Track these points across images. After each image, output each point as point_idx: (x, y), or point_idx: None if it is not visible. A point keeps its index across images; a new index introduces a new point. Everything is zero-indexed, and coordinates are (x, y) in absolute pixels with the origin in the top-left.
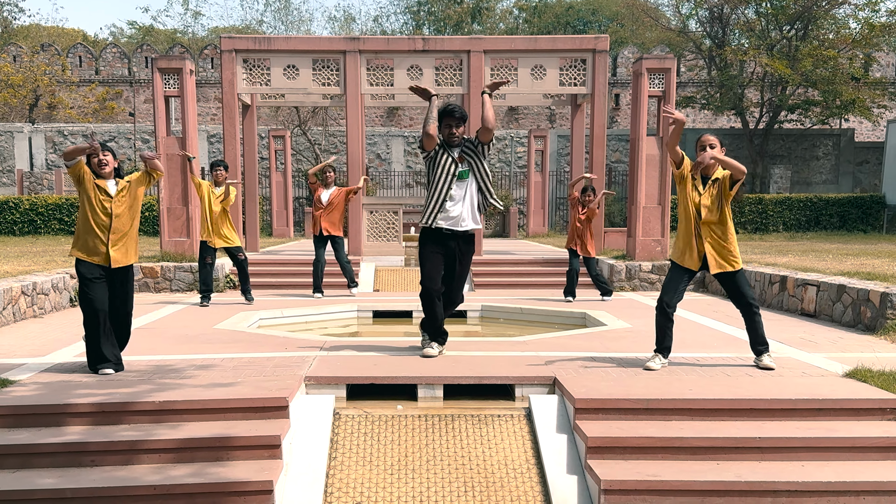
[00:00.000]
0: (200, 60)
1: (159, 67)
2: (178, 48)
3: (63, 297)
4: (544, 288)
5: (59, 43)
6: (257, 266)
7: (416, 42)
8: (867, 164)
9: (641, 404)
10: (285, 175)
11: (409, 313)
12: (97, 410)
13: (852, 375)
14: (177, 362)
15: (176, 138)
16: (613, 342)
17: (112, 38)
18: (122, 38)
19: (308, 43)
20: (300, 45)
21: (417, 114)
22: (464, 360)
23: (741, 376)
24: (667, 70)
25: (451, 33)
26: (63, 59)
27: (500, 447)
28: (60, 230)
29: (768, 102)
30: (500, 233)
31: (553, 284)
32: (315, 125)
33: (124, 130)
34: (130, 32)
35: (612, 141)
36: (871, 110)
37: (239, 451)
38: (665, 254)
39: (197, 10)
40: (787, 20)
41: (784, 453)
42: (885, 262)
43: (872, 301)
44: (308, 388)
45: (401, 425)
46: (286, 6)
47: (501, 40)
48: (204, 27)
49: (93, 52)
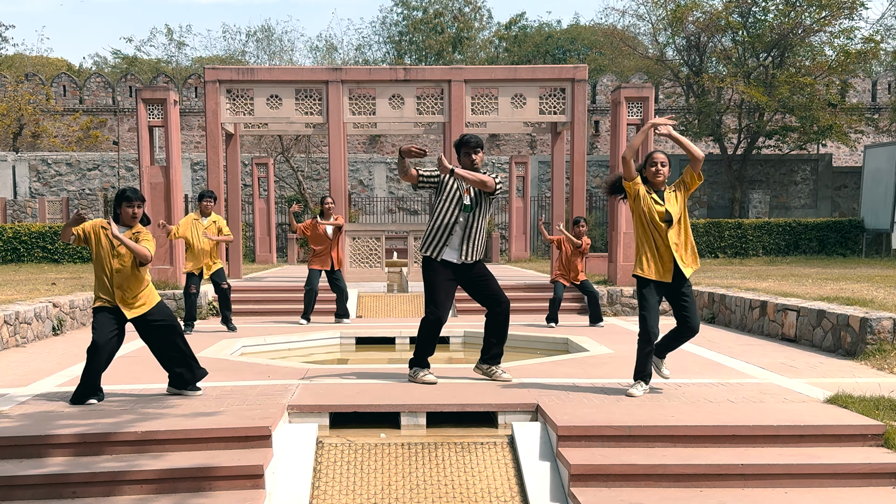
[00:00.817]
0: (184, 90)
1: (143, 98)
2: (162, 78)
3: (46, 327)
4: (527, 313)
5: (44, 72)
6: (241, 293)
7: (398, 72)
8: (845, 188)
9: (624, 431)
10: (268, 202)
11: (391, 340)
12: (79, 441)
13: (833, 401)
14: (160, 391)
15: (160, 167)
16: (596, 368)
17: (96, 68)
18: (106, 67)
19: (291, 73)
20: (283, 75)
21: (399, 141)
22: (447, 388)
23: (723, 402)
24: (645, 98)
25: (433, 63)
26: (47, 88)
27: (484, 475)
28: (44, 258)
29: (746, 128)
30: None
31: (536, 310)
32: (298, 152)
33: (108, 159)
34: (114, 62)
35: (593, 167)
36: (849, 135)
37: (221, 482)
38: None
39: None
40: (763, 48)
41: (767, 480)
42: (864, 287)
43: (852, 326)
44: (291, 417)
45: (384, 454)
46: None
47: (482, 70)
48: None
49: (77, 81)
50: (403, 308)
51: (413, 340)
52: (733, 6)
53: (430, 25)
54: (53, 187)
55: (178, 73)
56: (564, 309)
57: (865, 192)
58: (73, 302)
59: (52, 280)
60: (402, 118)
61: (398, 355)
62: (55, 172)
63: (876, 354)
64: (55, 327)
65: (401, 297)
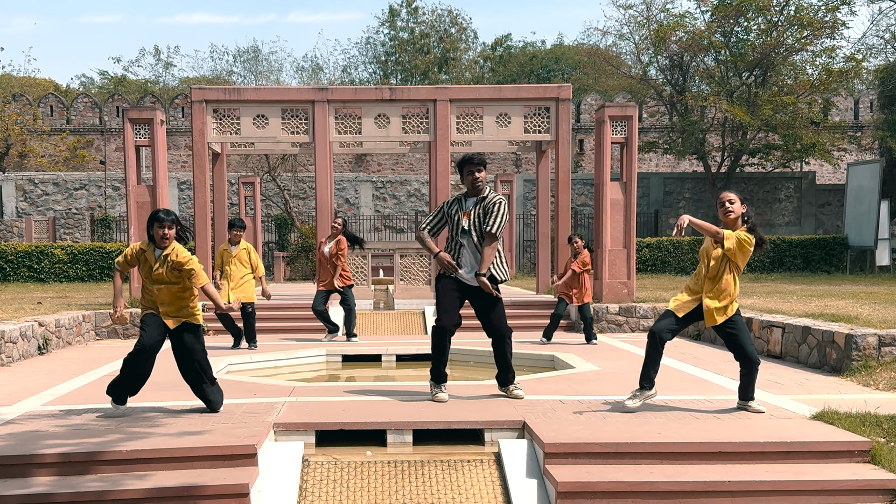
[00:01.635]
0: (171, 109)
1: (130, 118)
2: (149, 98)
3: (31, 346)
4: (515, 330)
5: (31, 93)
6: None
7: (384, 91)
8: (829, 205)
9: (611, 448)
10: (255, 221)
11: (378, 357)
12: (64, 461)
13: (820, 418)
14: (146, 409)
15: (147, 186)
16: (582, 385)
17: (83, 88)
18: (93, 87)
19: (277, 93)
20: (269, 95)
21: (385, 159)
22: (433, 405)
23: (709, 419)
24: (628, 117)
25: (419, 82)
26: (34, 108)
27: (471, 493)
28: (30, 277)
29: (729, 147)
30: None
31: (524, 327)
32: (284, 171)
33: (95, 178)
34: (101, 82)
35: (578, 185)
36: (832, 153)
37: (207, 501)
38: (632, 296)
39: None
40: (746, 67)
41: (754, 497)
42: (849, 304)
43: (837, 343)
44: (277, 435)
45: (370, 472)
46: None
47: (467, 89)
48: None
49: (64, 101)
50: (390, 325)
51: (399, 358)
52: (715, 26)
53: (417, 46)
54: (40, 207)
55: (165, 93)
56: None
57: (849, 210)
58: (58, 321)
59: (37, 299)
60: (387, 137)
61: (384, 373)
62: (42, 192)
63: (861, 371)
64: (41, 346)
65: (387, 315)
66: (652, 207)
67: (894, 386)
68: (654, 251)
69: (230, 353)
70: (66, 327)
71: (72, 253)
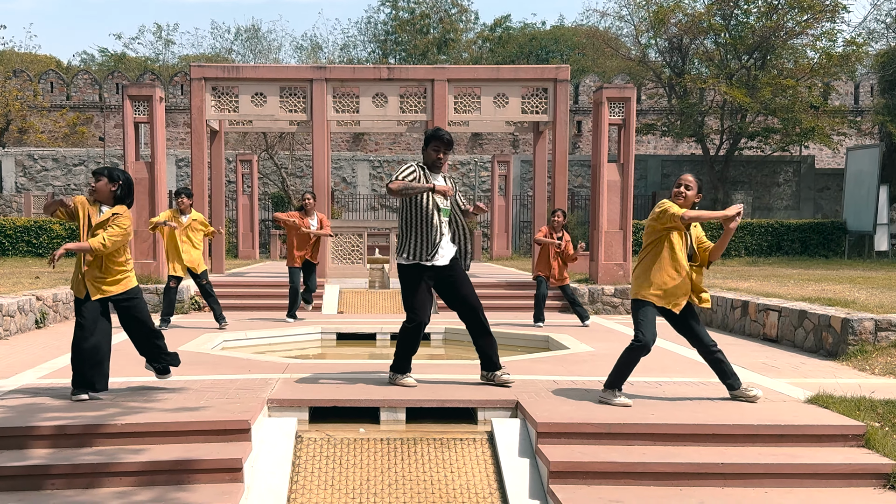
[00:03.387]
0: (171, 87)
1: (130, 95)
2: (148, 75)
3: (29, 320)
4: (508, 311)
5: (32, 69)
6: (223, 288)
7: (382, 71)
8: (828, 190)
9: (604, 429)
10: (252, 198)
11: (372, 335)
12: (60, 433)
13: (814, 402)
14: (141, 384)
15: (145, 163)
16: (576, 366)
17: (83, 65)
18: (94, 65)
19: (275, 71)
20: (268, 73)
21: (383, 139)
22: (427, 384)
23: (703, 401)
24: (627, 99)
25: (418, 63)
26: (35, 84)
27: (463, 471)
28: (28, 252)
29: (728, 130)
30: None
31: (517, 307)
32: (282, 150)
33: (94, 155)
34: (101, 59)
35: (575, 166)
36: (831, 138)
37: (201, 475)
38: (628, 278)
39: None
40: (745, 50)
41: (747, 480)
42: (846, 288)
43: (834, 327)
44: (271, 411)
45: (363, 449)
46: (255, 35)
47: (464, 69)
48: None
49: (64, 78)
50: (384, 304)
51: (394, 337)
52: (715, 8)
53: (417, 27)
54: (39, 182)
55: (164, 70)
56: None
57: (848, 194)
58: (56, 295)
59: (35, 274)
60: (385, 116)
61: (379, 351)
62: (41, 168)
63: (857, 355)
64: (38, 320)
65: (382, 294)
66: (649, 190)
67: (890, 371)
68: None
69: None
70: (63, 302)
71: (70, 228)
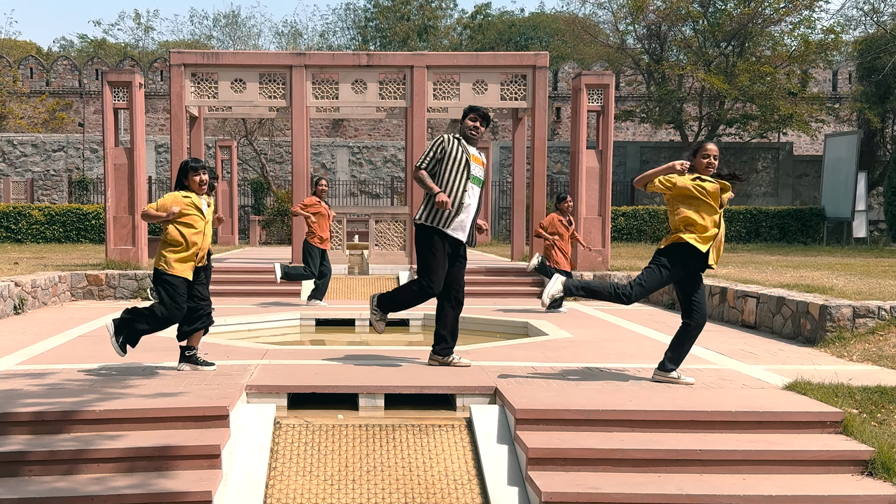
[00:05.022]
0: (150, 73)
1: (109, 81)
2: (128, 61)
3: (7, 306)
4: (487, 297)
5: (11, 55)
6: None
7: (361, 57)
8: (806, 176)
9: (582, 415)
10: (231, 184)
11: (351, 321)
12: (38, 420)
13: (792, 388)
14: (120, 370)
15: (124, 149)
16: (555, 352)
17: (63, 51)
18: (73, 51)
19: (255, 58)
20: (247, 59)
21: (362, 125)
22: (405, 369)
23: (682, 388)
24: (605, 86)
25: (398, 49)
26: (14, 70)
27: (441, 458)
28: (6, 238)
29: (706, 116)
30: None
31: (496, 294)
32: (261, 136)
33: (73, 140)
34: (81, 46)
35: (554, 152)
36: (810, 125)
37: (179, 461)
38: (606, 264)
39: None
40: (723, 37)
41: (725, 466)
42: (824, 275)
43: (812, 313)
44: (249, 397)
45: (341, 435)
46: (234, 22)
47: (444, 56)
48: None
49: (44, 64)
50: (364, 290)
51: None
52: None
53: (397, 14)
54: (18, 168)
55: (144, 56)
56: (521, 293)
57: (826, 181)
58: (34, 281)
59: (14, 260)
60: (364, 103)
61: (358, 337)
62: (20, 153)
63: (835, 342)
64: (16, 306)
65: (361, 280)
66: (628, 176)
67: (868, 357)
68: (630, 220)
69: None
70: (42, 288)
71: (49, 214)
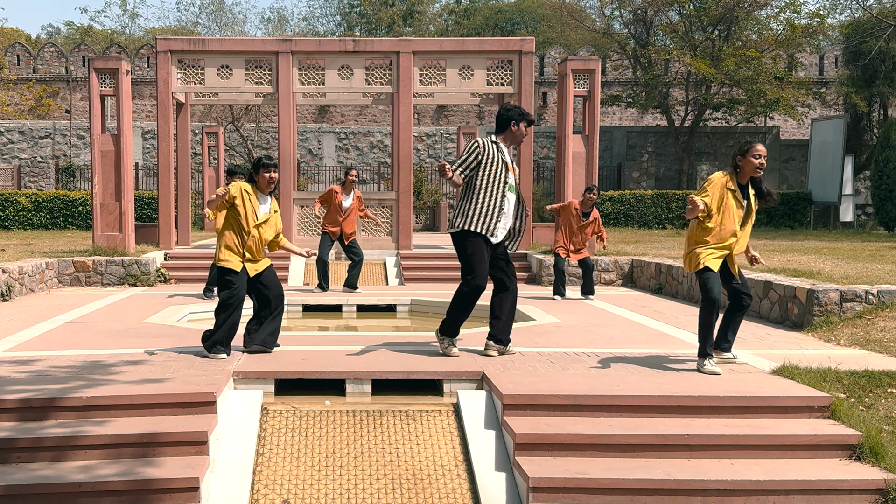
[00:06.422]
0: (137, 60)
1: (96, 67)
2: (115, 48)
3: None
4: None
5: None
6: (189, 260)
7: (347, 43)
8: (793, 161)
9: (569, 400)
10: (217, 170)
11: (338, 307)
12: (25, 406)
13: (780, 373)
14: (107, 357)
15: (111, 136)
16: (541, 337)
17: (49, 38)
18: (59, 38)
19: (241, 44)
20: (233, 46)
21: (349, 111)
22: (392, 355)
23: (669, 373)
24: (591, 71)
25: (383, 35)
26: (1, 57)
27: (429, 443)
28: None
29: (693, 101)
30: (430, 227)
31: None
32: (248, 122)
33: (60, 127)
34: (68, 33)
35: (540, 137)
36: (796, 109)
37: (166, 448)
38: (592, 248)
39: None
40: (709, 21)
41: (713, 451)
42: (811, 259)
43: (799, 298)
44: (236, 384)
45: (329, 421)
46: (220, 8)
47: (430, 42)
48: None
49: (31, 51)
50: None
51: (360, 308)
52: None
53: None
54: (5, 155)
55: (131, 43)
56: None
57: (813, 165)
58: (21, 268)
59: (1, 246)
60: (350, 89)
61: (344, 322)
62: (7, 140)
63: (823, 326)
64: (3, 293)
65: (347, 265)
66: (615, 161)
67: (855, 342)
68: (617, 205)
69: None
70: (29, 274)
71: (36, 201)
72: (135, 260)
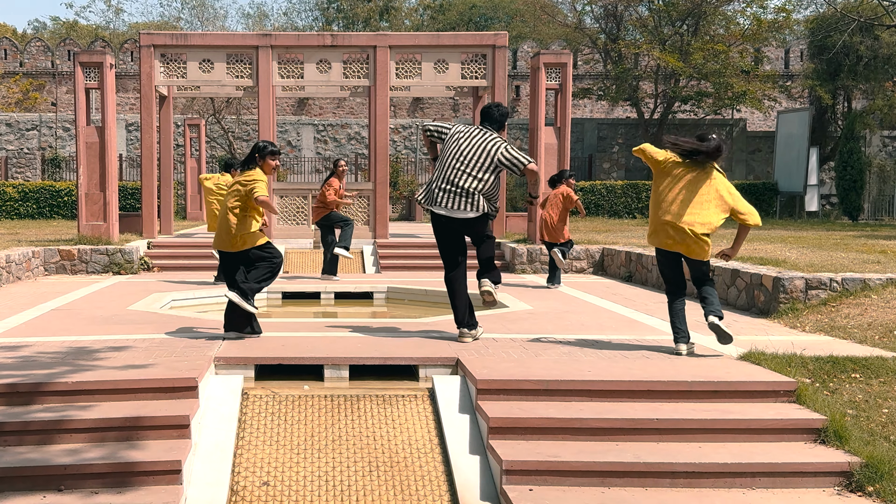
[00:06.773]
0: (121, 54)
1: (81, 61)
2: (99, 42)
3: None
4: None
5: None
6: (172, 249)
7: (325, 38)
8: (759, 152)
9: (542, 385)
10: (199, 162)
11: (317, 294)
12: (11, 391)
13: (747, 358)
14: (91, 343)
15: (96, 128)
16: (514, 324)
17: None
18: (45, 32)
19: (222, 39)
20: (215, 40)
21: (327, 103)
22: (369, 341)
23: (638, 358)
24: (563, 64)
25: (360, 30)
26: None
27: (405, 427)
28: None
29: (662, 94)
30: (406, 216)
31: None
32: (229, 114)
33: (46, 120)
34: (53, 27)
35: (514, 129)
36: (762, 102)
37: (149, 431)
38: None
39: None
40: (678, 16)
41: (681, 435)
42: (777, 248)
43: (765, 285)
44: (217, 369)
45: (307, 405)
46: (202, 4)
47: (406, 36)
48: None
49: (18, 45)
50: None
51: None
52: None
53: None
54: None
55: (115, 38)
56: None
57: (779, 157)
58: (8, 257)
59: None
60: (329, 82)
61: (322, 309)
62: None
63: (788, 313)
64: None
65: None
66: (586, 152)
67: (820, 328)
68: (588, 195)
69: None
70: (16, 263)
71: (23, 191)
72: (119, 249)
